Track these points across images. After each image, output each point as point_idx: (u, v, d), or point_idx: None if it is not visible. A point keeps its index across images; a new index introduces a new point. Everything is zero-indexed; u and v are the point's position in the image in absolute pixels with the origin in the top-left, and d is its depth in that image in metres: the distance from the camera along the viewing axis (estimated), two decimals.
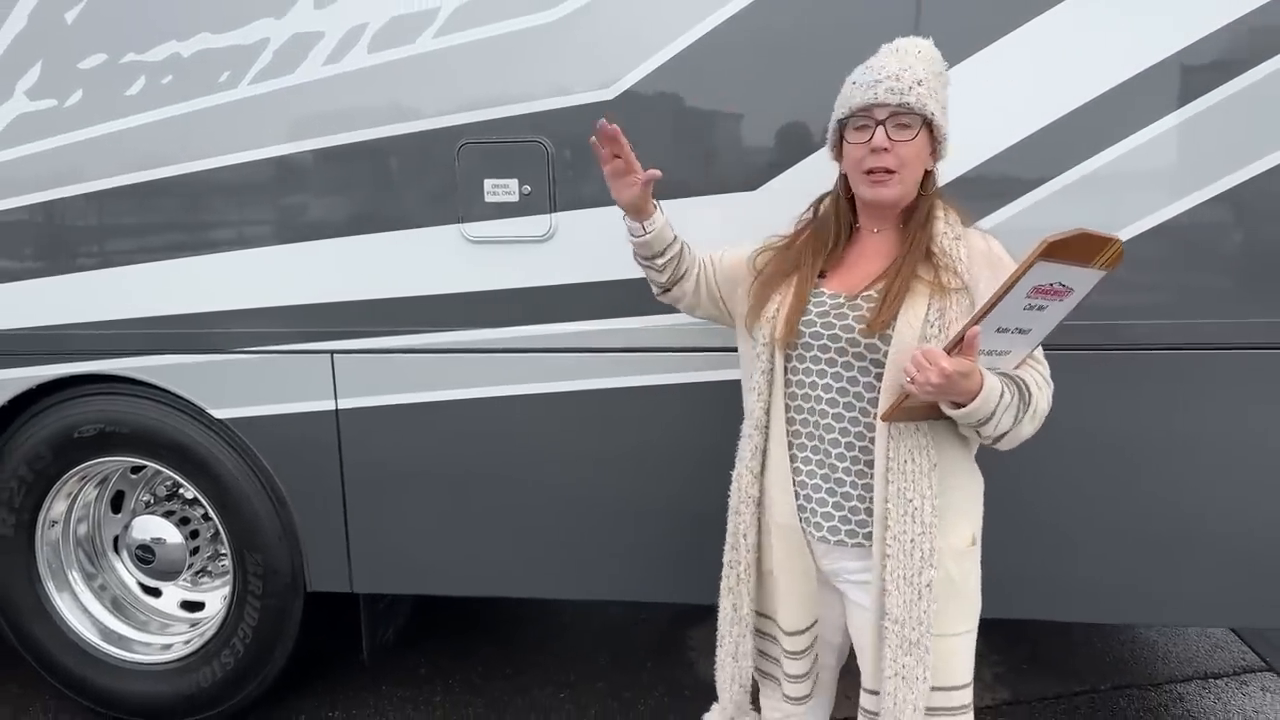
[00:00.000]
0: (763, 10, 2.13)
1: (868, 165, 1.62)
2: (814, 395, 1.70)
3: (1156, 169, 2.08)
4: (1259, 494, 2.17)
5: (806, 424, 1.71)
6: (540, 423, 2.41)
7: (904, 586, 1.60)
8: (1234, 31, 2.00)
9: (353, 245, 2.39)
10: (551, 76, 2.24)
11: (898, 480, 1.60)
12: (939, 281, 1.60)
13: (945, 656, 1.66)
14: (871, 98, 1.60)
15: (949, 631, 1.66)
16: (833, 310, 1.67)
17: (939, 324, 1.58)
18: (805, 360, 1.70)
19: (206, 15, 2.36)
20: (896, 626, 1.61)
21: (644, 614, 3.56)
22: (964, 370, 1.46)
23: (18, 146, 2.50)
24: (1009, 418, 1.55)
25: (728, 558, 1.84)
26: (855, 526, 1.69)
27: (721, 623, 1.88)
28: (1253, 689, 3.04)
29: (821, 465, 1.70)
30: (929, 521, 1.60)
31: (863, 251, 1.73)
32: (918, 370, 1.47)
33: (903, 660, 1.62)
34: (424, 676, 3.15)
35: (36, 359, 2.62)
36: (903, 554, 1.60)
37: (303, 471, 2.56)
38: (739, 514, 1.79)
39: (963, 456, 1.70)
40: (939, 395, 1.49)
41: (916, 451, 1.61)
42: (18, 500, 2.77)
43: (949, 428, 1.64)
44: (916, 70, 1.60)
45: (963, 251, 1.62)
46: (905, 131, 1.60)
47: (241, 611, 2.70)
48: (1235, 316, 2.11)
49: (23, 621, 2.87)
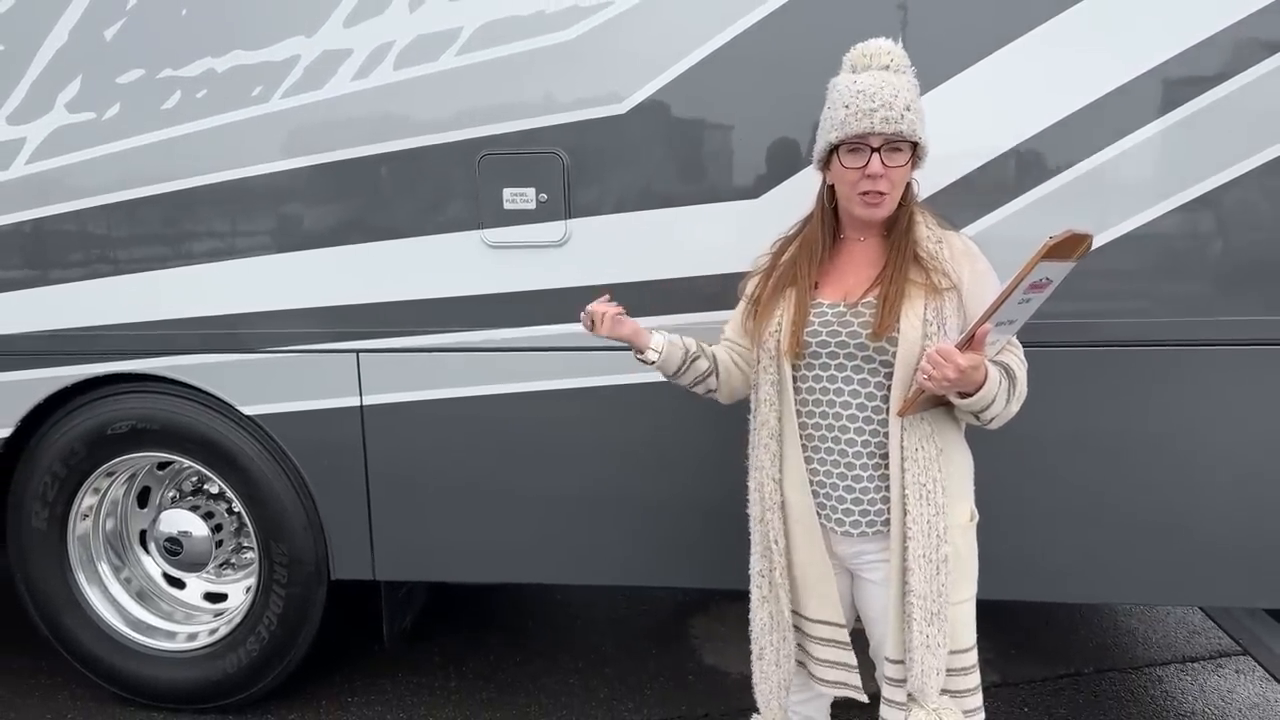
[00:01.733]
0: (764, 31, 2.28)
1: (863, 188, 1.73)
2: (826, 400, 1.81)
3: (1132, 177, 2.22)
4: (1229, 481, 2.31)
5: (819, 427, 1.82)
6: (555, 417, 2.54)
7: (924, 564, 1.74)
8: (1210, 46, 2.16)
9: (378, 250, 2.53)
10: (567, 92, 2.38)
11: (913, 469, 1.74)
12: (931, 283, 1.73)
13: (954, 623, 1.79)
14: (867, 126, 1.68)
15: (955, 599, 1.79)
16: (835, 319, 1.79)
17: (937, 322, 1.72)
18: (814, 368, 1.81)
19: (240, 33, 2.49)
20: (921, 601, 1.74)
21: (646, 604, 3.70)
22: (975, 364, 1.61)
23: (58, 157, 2.63)
24: (1003, 400, 1.70)
25: (757, 567, 1.93)
26: (874, 516, 1.81)
27: (759, 634, 1.95)
28: (1227, 671, 3.20)
29: (838, 464, 1.81)
30: (940, 502, 1.74)
31: (851, 259, 1.85)
32: (934, 368, 1.61)
33: (926, 631, 1.75)
34: (438, 664, 3.28)
35: (73, 359, 2.74)
36: (921, 535, 1.73)
37: (328, 464, 2.69)
38: (766, 522, 1.88)
39: (957, 439, 1.84)
40: (953, 388, 1.64)
41: (924, 440, 1.75)
42: (51, 494, 2.90)
43: (946, 414, 1.79)
44: (904, 94, 1.70)
45: (946, 253, 1.76)
46: (898, 156, 1.72)
47: (267, 600, 2.82)
48: (1206, 314, 2.25)
49: (56, 613, 2.99)
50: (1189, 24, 2.13)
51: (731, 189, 2.37)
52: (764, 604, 1.93)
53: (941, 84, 2.19)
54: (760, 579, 1.93)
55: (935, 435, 1.76)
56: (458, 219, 2.48)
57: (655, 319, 2.39)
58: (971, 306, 1.74)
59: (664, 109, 2.36)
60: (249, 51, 2.50)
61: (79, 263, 2.69)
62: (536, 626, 3.57)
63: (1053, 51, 2.18)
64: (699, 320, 2.34)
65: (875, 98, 1.68)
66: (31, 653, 3.26)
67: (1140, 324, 2.27)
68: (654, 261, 2.41)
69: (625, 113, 2.36)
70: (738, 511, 1.96)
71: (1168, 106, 2.16)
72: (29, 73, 2.60)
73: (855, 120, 1.69)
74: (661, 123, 2.36)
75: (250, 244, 2.60)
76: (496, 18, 2.37)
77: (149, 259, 2.65)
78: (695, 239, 2.39)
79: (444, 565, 2.73)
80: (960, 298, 1.74)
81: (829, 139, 1.75)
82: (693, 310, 2.38)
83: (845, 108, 1.71)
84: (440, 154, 2.46)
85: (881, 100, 1.68)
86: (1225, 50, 2.13)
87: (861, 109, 1.68)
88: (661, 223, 2.39)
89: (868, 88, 1.69)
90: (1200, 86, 2.15)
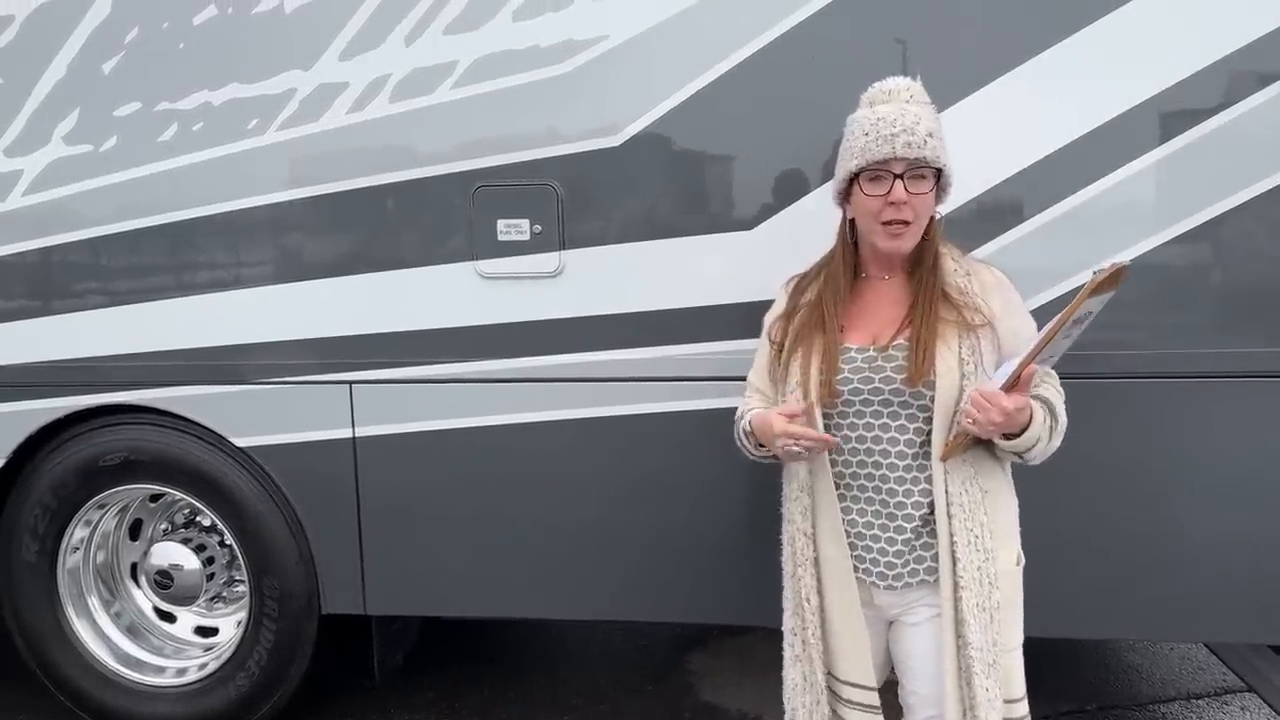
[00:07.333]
0: (758, 64, 2.29)
1: (886, 217, 1.66)
2: (863, 449, 1.73)
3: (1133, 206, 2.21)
4: (1234, 513, 2.29)
5: (857, 477, 1.75)
6: (550, 449, 2.52)
7: (979, 614, 1.66)
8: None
9: (372, 281, 2.53)
10: (562, 124, 2.39)
11: (959, 514, 1.67)
12: (964, 320, 1.67)
13: (1007, 670, 1.72)
14: (889, 151, 1.63)
15: (1008, 646, 1.73)
16: (866, 365, 1.71)
17: (974, 361, 1.66)
18: (849, 416, 1.73)
19: (237, 66, 2.51)
20: (979, 653, 1.66)
21: (643, 640, 3.66)
22: (1021, 406, 1.56)
23: (54, 189, 2.64)
24: (1046, 436, 1.65)
25: (789, 624, 1.85)
26: (915, 566, 1.73)
27: (792, 694, 1.85)
28: (1233, 708, 3.14)
29: (879, 515, 1.74)
30: (989, 547, 1.68)
31: (876, 300, 1.78)
32: (980, 411, 1.55)
33: (986, 684, 1.66)
34: (431, 700, 3.23)
35: (65, 390, 2.73)
36: (974, 584, 1.66)
37: (320, 497, 2.67)
38: (798, 578, 1.79)
39: (1003, 481, 1.77)
40: (998, 431, 1.59)
41: (968, 483, 1.68)
42: (42, 527, 2.87)
43: (988, 454, 1.71)
44: (927, 122, 1.65)
45: (975, 286, 1.70)
46: (922, 184, 1.66)
47: (258, 634, 2.79)
48: (1207, 346, 2.24)
49: (44, 647, 2.95)
50: (1185, 55, 2.15)
51: (726, 220, 2.37)
52: (796, 663, 1.84)
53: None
54: (793, 637, 1.84)
55: (979, 478, 1.70)
56: (452, 250, 2.48)
57: (655, 350, 2.41)
58: (1007, 340, 1.69)
59: (658, 141, 2.37)
60: (245, 85, 2.51)
61: (73, 294, 2.69)
62: (531, 662, 3.52)
63: (1050, 82, 2.19)
64: (693, 352, 2.34)
65: (896, 124, 1.64)
66: (17, 688, 3.21)
67: (1140, 356, 2.26)
68: (648, 293, 2.40)
69: (619, 145, 2.37)
70: (735, 544, 1.94)
71: (1165, 137, 2.17)
72: (27, 105, 2.62)
73: (876, 146, 1.64)
74: (655, 155, 2.37)
75: (244, 275, 2.60)
76: (492, 51, 2.39)
77: (141, 290, 2.65)
78: (690, 270, 2.38)
79: (437, 600, 2.70)
80: (995, 332, 1.68)
81: (849, 167, 1.70)
82: (687, 342, 2.37)
83: (865, 135, 1.67)
84: (435, 186, 2.46)
85: (903, 126, 1.64)
86: (1222, 81, 2.13)
87: (882, 135, 1.64)
88: (656, 254, 2.39)
89: (888, 115, 1.66)
90: (1197, 117, 2.16)
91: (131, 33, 2.55)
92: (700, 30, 2.30)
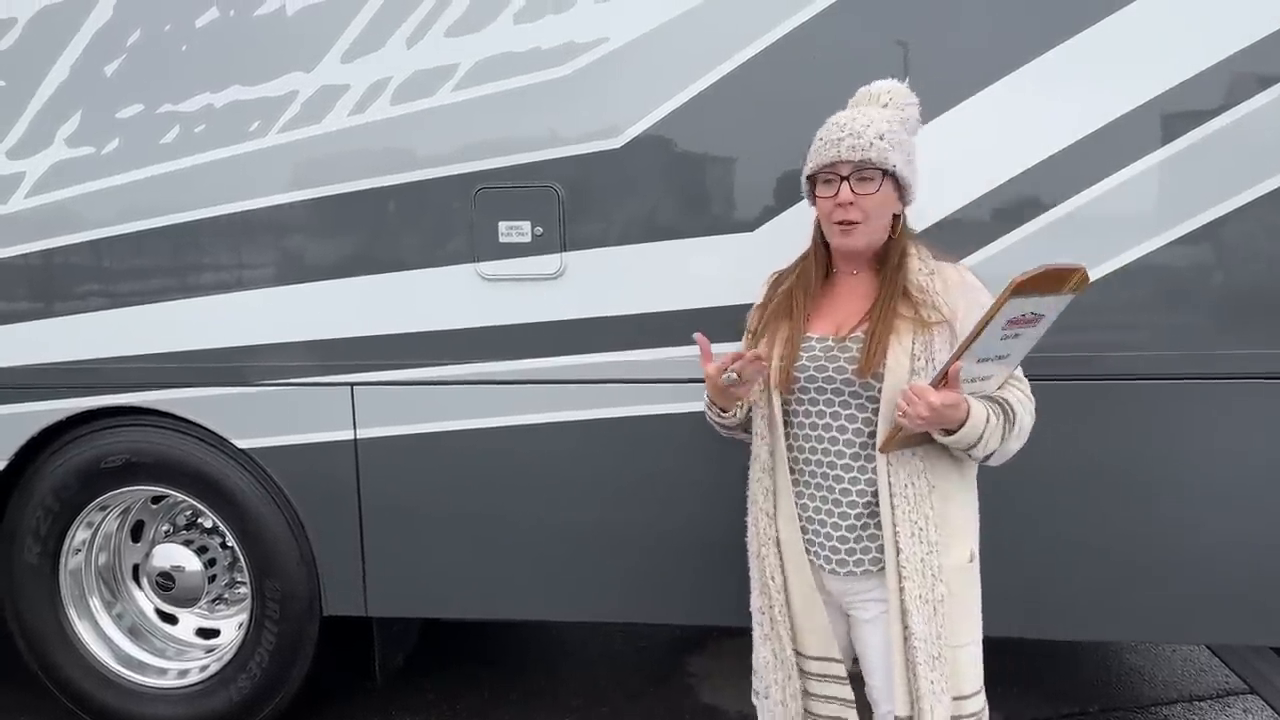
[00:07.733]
0: (758, 66, 2.29)
1: (836, 218, 1.74)
2: (814, 435, 1.80)
3: (1130, 210, 2.22)
4: (1235, 514, 2.29)
5: (809, 462, 1.81)
6: (551, 451, 2.52)
7: (922, 605, 1.70)
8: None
9: (374, 283, 2.53)
10: (562, 126, 2.39)
11: (902, 505, 1.71)
12: (920, 317, 1.72)
13: (955, 665, 1.75)
14: (834, 155, 1.71)
15: (955, 643, 1.75)
16: (823, 354, 1.77)
17: (925, 357, 1.70)
18: (804, 403, 1.80)
19: (238, 68, 2.52)
20: (924, 644, 1.70)
21: (643, 642, 3.65)
22: (950, 402, 1.60)
23: (56, 191, 2.64)
24: (996, 438, 1.68)
25: (757, 604, 1.91)
26: (861, 555, 1.78)
27: (764, 671, 1.90)
28: (1234, 710, 3.14)
29: (826, 500, 1.79)
30: (934, 540, 1.71)
31: (843, 293, 1.84)
32: (908, 405, 1.60)
33: (930, 676, 1.70)
34: (431, 702, 3.23)
35: (67, 392, 2.73)
36: (916, 574, 1.70)
37: (321, 498, 2.67)
38: (762, 558, 1.86)
39: (959, 480, 1.80)
40: (929, 426, 1.63)
41: (915, 476, 1.72)
42: (44, 529, 2.87)
43: (942, 453, 1.75)
44: (878, 124, 1.71)
45: (938, 285, 1.74)
46: (868, 184, 1.71)
47: (259, 636, 2.79)
48: (1208, 348, 2.24)
49: (45, 647, 2.95)
50: (1187, 57, 2.15)
51: (726, 222, 2.38)
52: (766, 641, 1.89)
53: (937, 117, 2.20)
54: (761, 615, 1.90)
55: (927, 472, 1.73)
56: (453, 252, 2.48)
57: (655, 351, 2.41)
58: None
59: (659, 143, 2.37)
60: (247, 87, 2.52)
61: (75, 296, 2.70)
62: (531, 664, 3.52)
63: (1049, 85, 2.19)
64: (694, 354, 2.32)
65: (845, 128, 1.72)
66: (19, 689, 3.21)
67: (1141, 357, 2.26)
68: (649, 295, 2.41)
69: (620, 147, 2.37)
70: (736, 546, 1.93)
71: (1166, 139, 2.17)
72: (30, 108, 2.62)
73: (824, 150, 1.74)
74: (656, 157, 2.37)
75: (246, 277, 2.60)
76: (493, 53, 2.39)
77: (143, 292, 2.66)
78: (690, 272, 2.39)
79: (438, 601, 2.70)
80: (953, 332, 1.72)
81: (805, 173, 1.81)
82: (688, 344, 2.35)
83: (819, 140, 1.76)
84: (436, 188, 2.47)
85: (850, 130, 1.71)
86: (1224, 83, 2.14)
87: (829, 139, 1.73)
88: (656, 256, 2.39)
89: (842, 119, 1.75)
90: (1197, 119, 2.16)
91: (134, 35, 2.56)
92: (701, 32, 2.30)
